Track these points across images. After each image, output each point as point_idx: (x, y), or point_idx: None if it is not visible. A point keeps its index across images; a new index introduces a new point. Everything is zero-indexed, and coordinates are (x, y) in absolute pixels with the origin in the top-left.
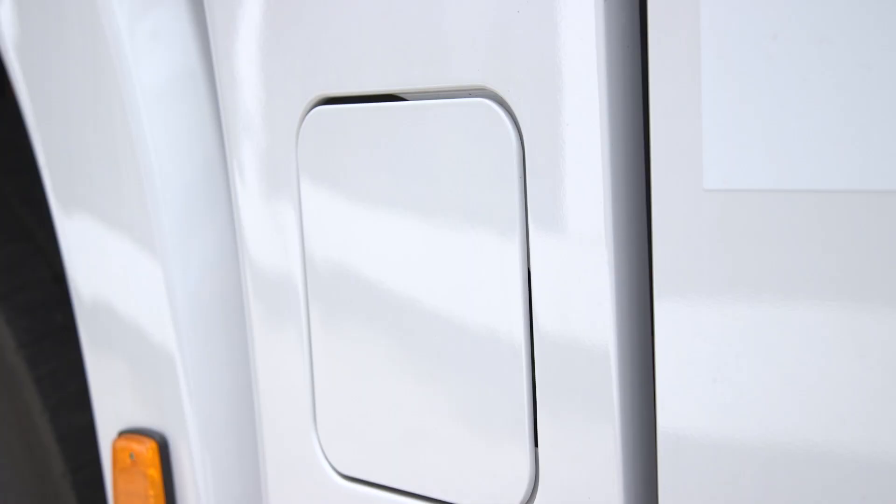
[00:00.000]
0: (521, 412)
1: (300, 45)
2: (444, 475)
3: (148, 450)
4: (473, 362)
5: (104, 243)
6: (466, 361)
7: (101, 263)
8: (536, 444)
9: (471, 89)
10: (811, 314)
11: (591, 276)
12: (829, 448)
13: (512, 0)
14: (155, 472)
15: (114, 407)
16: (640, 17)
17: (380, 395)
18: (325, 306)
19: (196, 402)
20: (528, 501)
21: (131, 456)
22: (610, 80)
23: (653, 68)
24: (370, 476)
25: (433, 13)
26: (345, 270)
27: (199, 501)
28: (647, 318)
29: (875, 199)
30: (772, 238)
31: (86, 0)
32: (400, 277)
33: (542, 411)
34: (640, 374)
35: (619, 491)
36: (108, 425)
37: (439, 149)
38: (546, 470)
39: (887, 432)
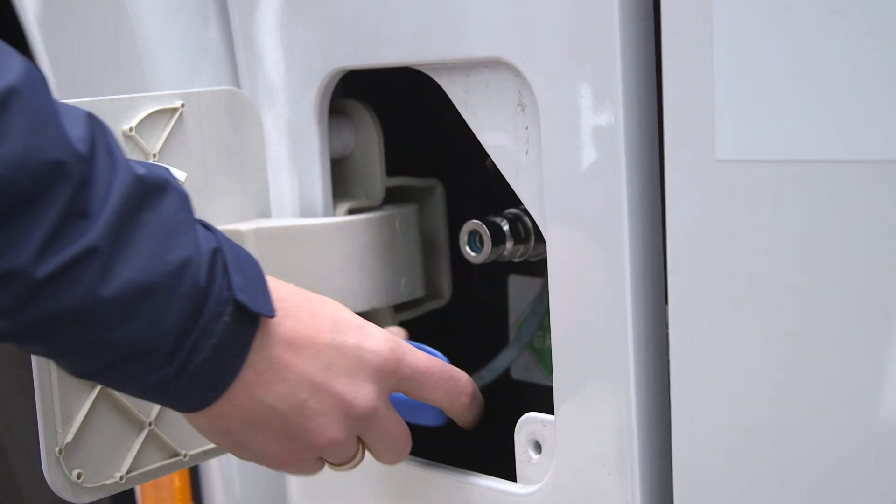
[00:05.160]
0: None
1: (319, 18)
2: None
3: None
4: None
5: None
6: None
7: None
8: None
9: (486, 61)
10: (824, 283)
11: (607, 247)
12: (843, 415)
13: None
14: None
15: None
16: None
17: None
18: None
19: None
20: None
21: None
22: (625, 53)
23: (665, 39)
24: None
25: None
26: None
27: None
28: (662, 288)
29: (889, 169)
30: (784, 208)
31: None
32: None
33: (559, 380)
34: (655, 343)
35: (634, 458)
36: None
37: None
38: (563, 438)
39: None
